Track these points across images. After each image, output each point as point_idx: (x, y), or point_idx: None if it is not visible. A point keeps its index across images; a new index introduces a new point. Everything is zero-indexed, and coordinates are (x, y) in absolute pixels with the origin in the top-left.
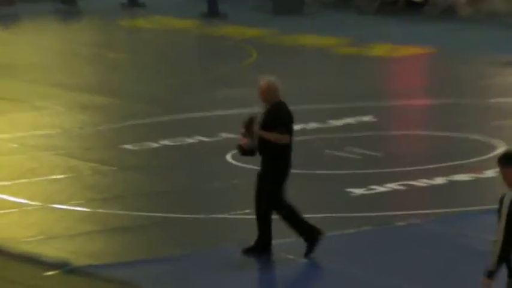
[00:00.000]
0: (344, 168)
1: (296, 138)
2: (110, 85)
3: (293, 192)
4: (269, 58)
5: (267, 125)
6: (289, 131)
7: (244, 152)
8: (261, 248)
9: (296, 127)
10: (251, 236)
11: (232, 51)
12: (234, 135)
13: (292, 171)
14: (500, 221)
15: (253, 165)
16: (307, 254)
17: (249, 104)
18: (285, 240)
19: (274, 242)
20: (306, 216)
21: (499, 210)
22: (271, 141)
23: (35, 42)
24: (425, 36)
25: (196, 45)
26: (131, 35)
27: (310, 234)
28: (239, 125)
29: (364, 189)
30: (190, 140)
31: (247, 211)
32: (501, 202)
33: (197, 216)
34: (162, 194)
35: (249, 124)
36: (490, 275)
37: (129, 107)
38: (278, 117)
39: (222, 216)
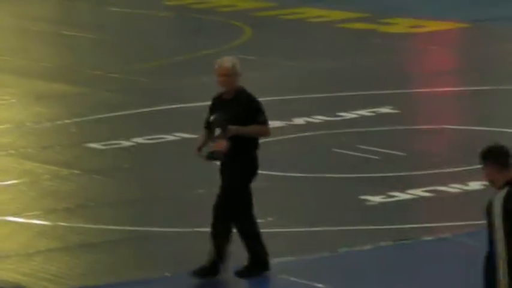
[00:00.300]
0: (357, 171)
1: (300, 134)
2: (70, 70)
3: (296, 200)
4: (265, 36)
5: (239, 119)
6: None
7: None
8: (257, 268)
9: (299, 121)
10: (244, 253)
11: (221, 28)
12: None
13: (296, 174)
14: (496, 233)
15: None
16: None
17: None
18: (284, 259)
19: (273, 261)
20: (313, 229)
21: (489, 223)
22: (248, 136)
23: None
24: (454, 8)
25: (175, 20)
26: (94, 8)
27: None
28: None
29: (382, 196)
30: (169, 137)
31: None
32: (489, 212)
33: (178, 229)
34: (135, 203)
35: (224, 123)
36: None
37: (95, 97)
38: (253, 106)
39: (208, 230)
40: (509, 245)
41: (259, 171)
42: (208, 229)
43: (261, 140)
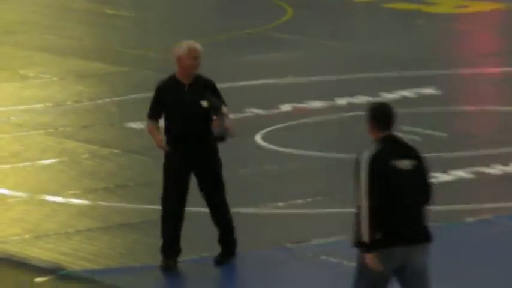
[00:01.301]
0: None
1: (342, 115)
2: (110, 49)
3: (336, 181)
4: (307, 16)
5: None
6: None
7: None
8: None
9: (341, 101)
10: (285, 234)
11: (262, 7)
12: (263, 111)
13: (335, 155)
14: (360, 183)
15: (287, 148)
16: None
17: (282, 72)
18: (326, 240)
19: (312, 242)
20: (351, 210)
21: (356, 173)
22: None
23: None
24: None
25: (215, 0)
26: None
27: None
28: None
29: None
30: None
31: (281, 204)
32: (357, 162)
33: None
34: None
35: (221, 105)
36: (369, 248)
37: (135, 76)
38: (216, 88)
39: (250, 210)
40: (373, 199)
41: (301, 152)
42: (248, 210)
43: (305, 121)
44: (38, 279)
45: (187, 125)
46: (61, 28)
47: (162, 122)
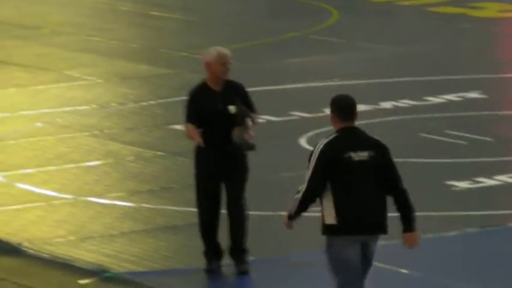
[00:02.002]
0: (444, 156)
1: (387, 119)
2: (156, 51)
3: None
4: (352, 19)
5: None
6: None
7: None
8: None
9: (386, 105)
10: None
11: (307, 10)
12: (308, 114)
13: None
14: (309, 168)
15: None
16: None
17: (327, 75)
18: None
19: None
20: (396, 214)
21: (308, 160)
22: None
23: None
24: None
25: (261, 2)
26: None
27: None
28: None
29: (469, 182)
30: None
31: None
32: (312, 150)
33: (262, 213)
34: None
35: (249, 113)
36: (290, 217)
37: (180, 78)
38: (247, 94)
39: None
40: (310, 182)
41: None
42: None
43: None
44: (82, 281)
45: (219, 131)
46: (107, 30)
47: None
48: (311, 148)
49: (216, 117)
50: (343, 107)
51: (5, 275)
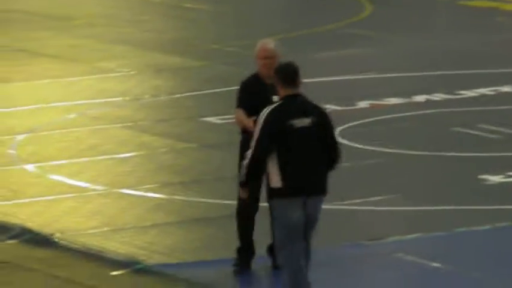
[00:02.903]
0: (477, 150)
1: (419, 112)
2: (189, 43)
3: (414, 178)
4: (386, 12)
5: None
6: None
7: None
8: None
9: (419, 98)
10: (362, 231)
11: (342, 3)
12: (341, 108)
13: (414, 152)
14: (254, 134)
15: (364, 145)
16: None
17: (360, 69)
18: (401, 237)
19: (388, 240)
20: (430, 208)
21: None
22: None
23: None
24: None
25: None
26: None
27: None
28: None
29: (501, 176)
30: None
31: (358, 201)
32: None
33: None
34: None
35: None
36: (242, 185)
37: (212, 71)
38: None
39: (326, 206)
40: (257, 149)
41: (378, 149)
42: (324, 206)
43: (382, 117)
44: (114, 273)
45: None
46: (140, 21)
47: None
48: (343, 141)
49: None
50: (286, 73)
51: (38, 265)
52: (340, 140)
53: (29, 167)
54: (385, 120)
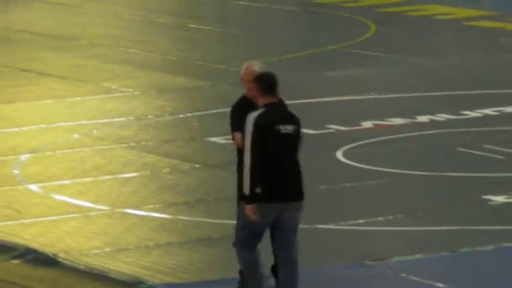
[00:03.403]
0: (481, 171)
1: (423, 133)
2: (193, 63)
3: (417, 198)
4: (390, 32)
5: None
6: None
7: None
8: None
9: (423, 118)
10: (365, 251)
11: (345, 23)
12: (345, 128)
13: (418, 172)
14: (246, 142)
15: (368, 165)
16: None
17: (364, 89)
18: (405, 257)
19: (392, 260)
20: (434, 228)
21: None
22: None
23: (102, 10)
24: None
25: (298, 15)
26: (219, 2)
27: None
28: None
29: (505, 196)
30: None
31: (361, 221)
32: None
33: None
34: None
35: None
36: (249, 199)
37: (217, 91)
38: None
39: (330, 226)
40: (254, 158)
41: (382, 169)
42: (328, 226)
43: (386, 138)
44: None
45: None
46: (144, 42)
47: None
48: (347, 161)
49: None
50: (266, 82)
51: (41, 285)
52: (343, 159)
53: (33, 187)
54: (389, 140)
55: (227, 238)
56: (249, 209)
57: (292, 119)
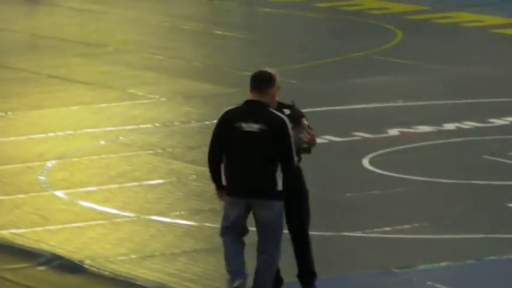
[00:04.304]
0: (507, 179)
1: (450, 140)
2: (220, 70)
3: (443, 206)
4: (417, 40)
5: None
6: None
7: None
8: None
9: (449, 126)
10: (391, 259)
11: (372, 31)
12: (371, 135)
13: (443, 180)
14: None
15: (395, 173)
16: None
17: (390, 96)
18: (431, 265)
19: (418, 268)
20: (460, 236)
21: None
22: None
23: (128, 16)
24: None
25: (325, 22)
26: (245, 8)
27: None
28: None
29: None
30: (318, 140)
31: (387, 229)
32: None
33: (324, 233)
34: None
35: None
36: (216, 188)
37: (242, 97)
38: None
39: (356, 234)
40: (215, 150)
41: (408, 176)
42: (354, 234)
43: (412, 145)
44: None
45: None
46: (170, 48)
47: None
48: (373, 169)
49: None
50: (254, 78)
51: None
52: (369, 167)
53: (59, 194)
54: (415, 148)
55: (252, 245)
56: (217, 193)
57: (261, 118)
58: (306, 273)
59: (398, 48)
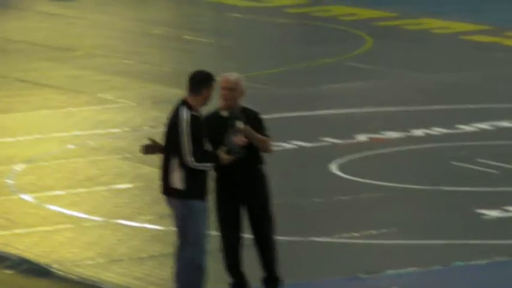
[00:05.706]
0: (475, 185)
1: (418, 146)
2: (187, 75)
3: (411, 212)
4: (386, 46)
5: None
6: None
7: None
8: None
9: (418, 132)
10: (358, 265)
11: (342, 37)
12: (340, 141)
13: (413, 186)
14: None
15: (363, 178)
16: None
17: (359, 102)
18: (398, 271)
19: (385, 273)
20: (427, 242)
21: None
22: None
23: (98, 21)
24: None
25: (295, 29)
26: (215, 13)
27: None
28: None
29: (499, 211)
30: (286, 145)
31: (355, 234)
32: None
33: (291, 238)
34: None
35: (241, 117)
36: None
37: (212, 103)
38: (259, 119)
39: (323, 239)
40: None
41: (376, 182)
42: (322, 239)
43: (380, 151)
44: None
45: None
46: (140, 53)
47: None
48: (341, 174)
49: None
50: (189, 77)
51: None
52: (338, 173)
53: (27, 197)
54: (384, 154)
55: (219, 250)
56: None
57: (174, 115)
58: (271, 279)
59: (367, 55)
